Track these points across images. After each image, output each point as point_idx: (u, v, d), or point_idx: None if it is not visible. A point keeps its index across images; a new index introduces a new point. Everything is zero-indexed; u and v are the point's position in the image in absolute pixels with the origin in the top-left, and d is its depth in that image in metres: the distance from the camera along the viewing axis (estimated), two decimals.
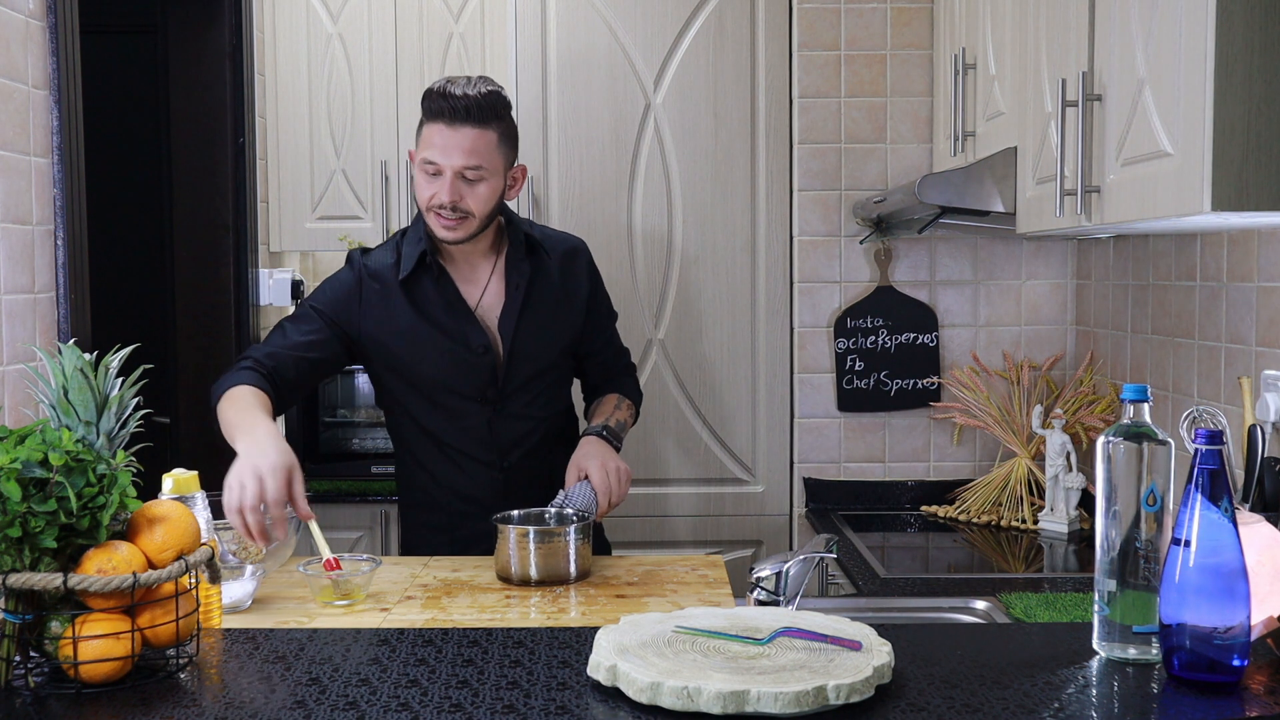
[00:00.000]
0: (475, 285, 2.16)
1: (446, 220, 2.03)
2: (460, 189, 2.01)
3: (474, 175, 2.01)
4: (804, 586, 1.61)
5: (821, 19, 3.05)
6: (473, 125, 1.99)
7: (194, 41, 3.31)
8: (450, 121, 1.99)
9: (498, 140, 2.04)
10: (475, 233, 2.07)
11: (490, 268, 2.16)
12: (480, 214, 2.05)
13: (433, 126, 2.01)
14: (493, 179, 2.04)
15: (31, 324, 2.22)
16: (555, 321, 2.19)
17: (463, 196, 2.02)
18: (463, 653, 1.40)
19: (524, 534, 1.88)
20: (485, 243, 2.15)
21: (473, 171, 2.01)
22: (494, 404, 2.15)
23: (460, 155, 1.99)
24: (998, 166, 2.30)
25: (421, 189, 2.05)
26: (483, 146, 2.01)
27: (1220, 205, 1.47)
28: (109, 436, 1.39)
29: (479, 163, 2.00)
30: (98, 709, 1.23)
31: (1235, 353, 2.16)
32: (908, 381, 3.07)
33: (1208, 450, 1.27)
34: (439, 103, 2.00)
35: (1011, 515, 2.76)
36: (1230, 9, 1.45)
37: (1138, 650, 1.35)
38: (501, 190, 2.08)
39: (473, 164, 2.00)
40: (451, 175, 2.00)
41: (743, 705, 1.17)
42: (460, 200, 2.02)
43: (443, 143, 2.00)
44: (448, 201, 2.01)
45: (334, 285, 2.19)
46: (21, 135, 2.18)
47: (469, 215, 2.04)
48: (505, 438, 2.17)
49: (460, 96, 1.99)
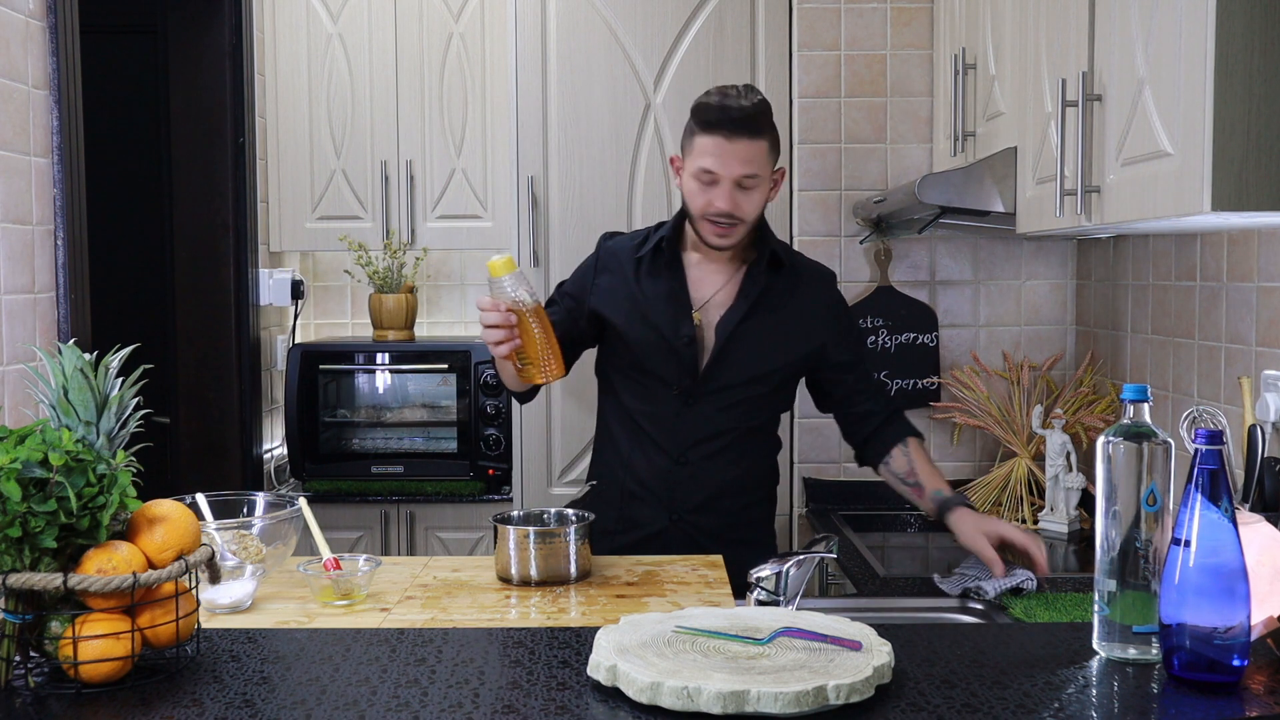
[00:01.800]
0: (708, 285, 2.21)
1: (722, 228, 2.10)
2: (737, 198, 2.08)
3: (750, 184, 2.08)
4: (804, 586, 1.61)
5: (821, 19, 3.05)
6: (748, 137, 2.06)
7: (194, 41, 3.31)
8: (729, 134, 2.05)
9: (768, 149, 2.10)
10: (743, 238, 2.15)
11: (729, 272, 2.21)
12: (751, 219, 2.12)
13: (708, 138, 2.07)
14: (763, 185, 2.11)
15: (31, 324, 2.22)
16: (779, 336, 2.19)
17: (739, 204, 2.08)
18: (463, 653, 1.40)
19: (524, 534, 1.88)
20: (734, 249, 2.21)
21: (749, 180, 2.08)
22: (688, 395, 2.19)
23: (739, 165, 2.06)
24: (998, 166, 2.30)
25: (695, 198, 2.11)
26: (757, 155, 2.07)
27: (1220, 205, 1.47)
28: (109, 436, 1.39)
29: (755, 171, 2.07)
30: (98, 709, 1.23)
31: (1235, 353, 2.16)
32: (908, 381, 3.06)
33: (1208, 450, 1.27)
34: (717, 115, 2.06)
35: (1011, 515, 2.76)
36: (1230, 9, 1.45)
37: (1138, 650, 1.35)
38: (767, 194, 2.15)
39: (749, 173, 2.07)
40: (730, 185, 2.07)
41: (743, 705, 1.17)
42: (737, 208, 2.08)
43: (720, 153, 2.06)
44: (726, 209, 2.07)
45: (579, 267, 2.30)
46: (21, 135, 2.18)
47: (741, 222, 2.11)
48: (689, 432, 2.19)
49: (737, 109, 2.05)
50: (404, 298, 3.53)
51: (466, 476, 3.38)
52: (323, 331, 3.90)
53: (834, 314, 2.27)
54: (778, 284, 2.21)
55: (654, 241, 2.22)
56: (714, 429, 2.19)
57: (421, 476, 3.37)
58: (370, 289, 3.60)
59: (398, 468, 3.40)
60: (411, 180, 3.51)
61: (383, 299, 3.51)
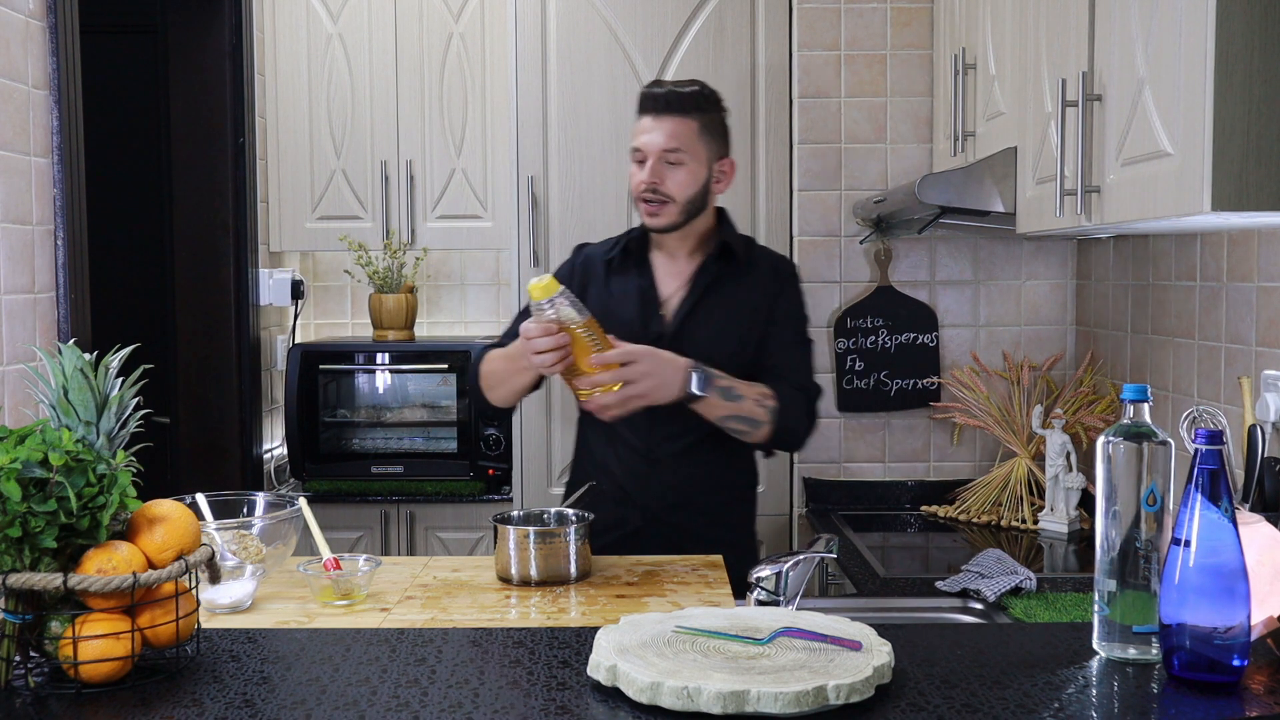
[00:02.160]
0: (673, 281, 2.23)
1: (650, 205, 2.15)
2: (660, 172, 2.13)
3: (674, 159, 2.13)
4: (804, 586, 1.61)
5: (821, 19, 3.05)
6: (673, 114, 2.13)
7: (194, 41, 3.31)
8: (656, 113, 2.13)
9: (699, 129, 2.15)
10: (677, 220, 2.16)
11: (692, 268, 2.23)
12: (680, 199, 2.14)
13: (641, 119, 2.16)
14: (692, 165, 2.14)
15: (31, 324, 2.22)
16: (732, 326, 2.19)
17: (662, 179, 2.13)
18: (463, 653, 1.40)
19: (524, 534, 1.88)
20: (691, 243, 2.22)
21: (672, 155, 2.12)
22: None
23: (662, 138, 2.12)
24: (998, 166, 2.30)
25: (632, 178, 2.18)
26: (683, 132, 2.13)
27: (1220, 205, 1.47)
28: (109, 436, 1.39)
29: (677, 145, 2.12)
30: (98, 709, 1.23)
31: (1235, 353, 2.16)
32: (908, 381, 3.07)
33: (1208, 450, 1.27)
34: (647, 98, 2.16)
35: (1011, 515, 2.76)
36: (1230, 9, 1.46)
37: (1138, 650, 1.35)
38: (704, 180, 2.17)
39: (672, 146, 2.12)
40: (654, 159, 2.13)
41: (743, 705, 1.17)
42: (660, 183, 2.12)
43: (647, 130, 2.14)
44: (647, 181, 2.13)
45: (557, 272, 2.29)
46: (21, 135, 2.18)
47: (669, 200, 2.14)
48: (660, 429, 2.19)
49: (664, 92, 2.14)
50: (404, 298, 3.53)
51: (466, 476, 3.38)
52: (323, 331, 3.90)
53: (780, 294, 2.24)
54: (729, 274, 2.22)
55: (623, 243, 2.26)
56: (684, 424, 2.17)
57: (421, 476, 3.37)
58: (370, 289, 3.60)
59: (398, 468, 3.40)
60: (411, 180, 3.51)
61: (383, 299, 3.51)
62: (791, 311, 2.27)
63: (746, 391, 2.08)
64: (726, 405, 2.06)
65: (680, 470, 2.20)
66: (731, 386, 2.07)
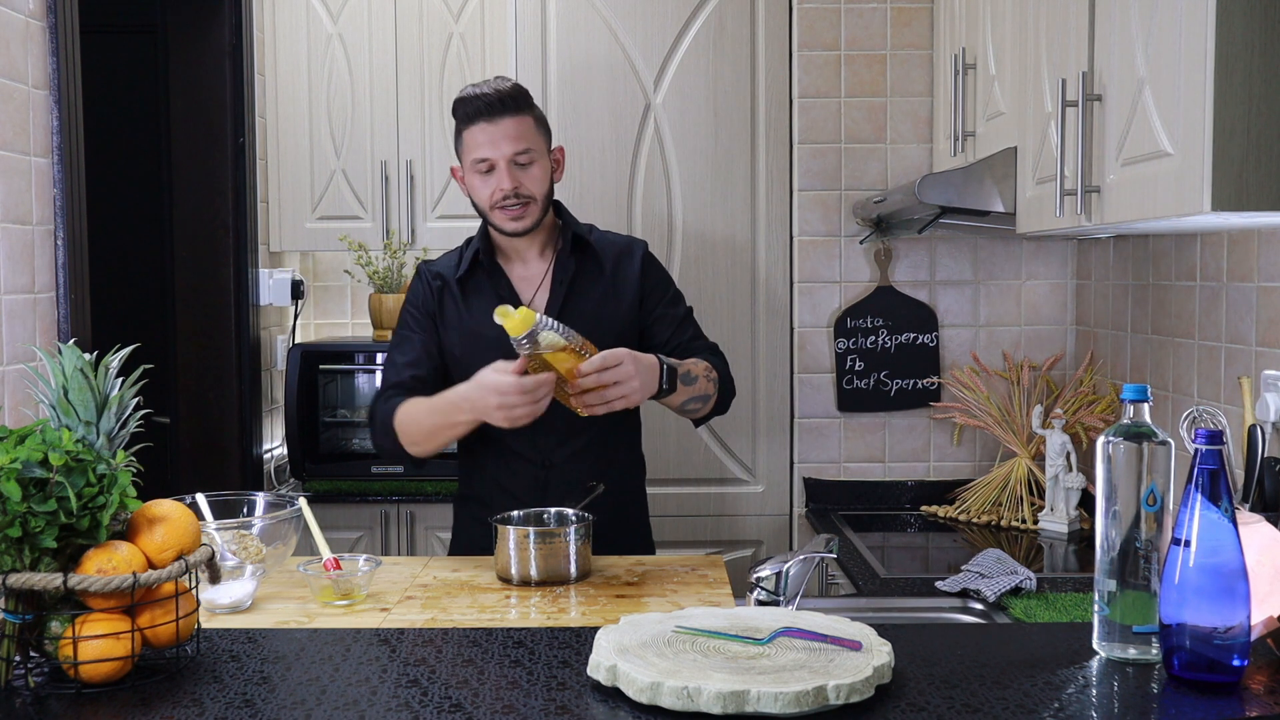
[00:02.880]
0: (530, 284, 2.21)
1: (513, 210, 2.11)
2: (518, 175, 2.10)
3: (525, 159, 2.11)
4: (804, 586, 1.61)
5: (821, 19, 3.05)
6: (510, 114, 2.09)
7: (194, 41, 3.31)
8: (490, 117, 2.09)
9: (535, 124, 2.14)
10: (540, 218, 2.14)
11: (545, 267, 2.21)
12: (539, 195, 2.13)
13: (474, 128, 2.11)
14: (541, 160, 2.14)
15: (31, 324, 2.22)
16: (601, 318, 2.17)
17: (521, 182, 2.10)
18: (463, 653, 1.40)
19: (524, 534, 1.88)
20: (540, 240, 2.20)
21: (523, 155, 2.10)
22: None
23: (508, 143, 2.09)
24: (998, 166, 2.30)
25: (479, 190, 2.13)
26: (525, 131, 2.11)
27: (1220, 205, 1.47)
28: (109, 436, 1.39)
29: (527, 145, 2.10)
30: (98, 709, 1.23)
31: (1235, 353, 2.16)
32: (908, 381, 3.07)
33: (1208, 450, 1.27)
34: (474, 104, 2.10)
35: (1011, 515, 2.76)
36: (1230, 9, 1.46)
37: (1138, 650, 1.35)
38: (550, 172, 2.16)
39: (521, 148, 2.10)
40: (505, 164, 2.09)
41: (743, 705, 1.17)
42: (520, 186, 2.10)
43: (489, 138, 2.09)
44: (509, 188, 2.09)
45: (412, 297, 2.25)
46: (21, 135, 2.18)
47: (531, 199, 2.12)
48: (549, 435, 2.16)
49: (491, 93, 2.10)
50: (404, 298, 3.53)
51: None
52: (323, 331, 3.90)
53: (643, 274, 2.23)
54: (587, 264, 2.20)
55: (469, 257, 2.20)
56: (574, 427, 2.15)
57: (421, 476, 3.37)
58: (370, 289, 3.60)
59: (397, 468, 3.39)
60: (411, 180, 3.51)
61: (383, 299, 3.51)
62: (663, 284, 2.26)
63: (696, 370, 2.09)
64: (686, 390, 2.06)
65: (577, 472, 2.17)
66: (687, 370, 2.07)
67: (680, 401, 2.08)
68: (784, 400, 3.17)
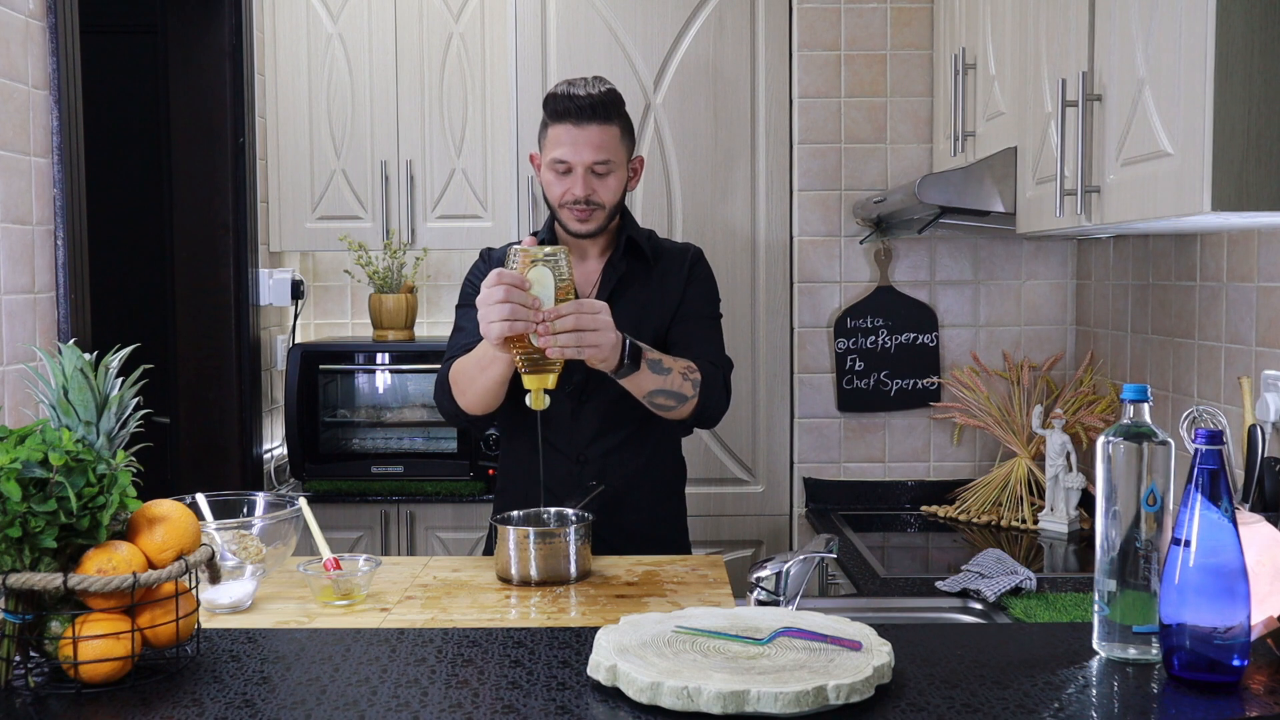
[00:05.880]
0: (586, 281, 2.22)
1: (580, 213, 2.13)
2: (592, 183, 2.11)
3: (603, 169, 2.11)
4: (804, 586, 1.61)
5: (821, 19, 3.05)
6: (598, 123, 2.09)
7: (194, 41, 3.31)
8: (577, 121, 2.09)
9: (620, 134, 2.14)
10: (605, 224, 2.16)
11: (599, 267, 2.22)
12: (610, 204, 2.14)
13: (560, 127, 2.11)
14: (619, 171, 2.14)
15: (31, 324, 2.22)
16: (644, 322, 2.18)
17: (595, 190, 2.11)
18: (463, 653, 1.40)
19: (524, 534, 1.88)
20: (601, 242, 2.22)
21: (602, 165, 2.11)
22: (579, 393, 2.17)
23: (590, 151, 2.09)
24: (998, 166, 2.30)
25: (553, 188, 2.14)
26: (609, 141, 2.11)
27: (1220, 205, 1.47)
28: (109, 436, 1.39)
29: (607, 156, 2.10)
30: (98, 709, 1.23)
31: (1235, 353, 2.16)
32: (908, 381, 3.07)
33: (1208, 450, 1.27)
34: (565, 104, 2.10)
35: (1011, 515, 2.76)
36: (1230, 9, 1.46)
37: (1138, 650, 1.35)
38: (626, 181, 2.17)
39: (601, 158, 2.10)
40: (583, 171, 2.10)
41: (743, 705, 1.17)
42: (593, 194, 2.11)
43: (571, 141, 2.09)
44: (582, 195, 2.10)
45: (473, 275, 2.25)
46: (21, 135, 2.18)
47: (600, 207, 2.13)
48: (585, 430, 2.18)
49: (584, 96, 2.09)
50: (404, 298, 3.52)
51: (466, 476, 3.37)
52: (323, 331, 3.90)
53: (690, 277, 2.24)
54: (638, 268, 2.21)
55: None
56: (609, 423, 2.17)
57: (421, 476, 3.37)
58: (370, 289, 3.60)
59: (398, 468, 3.39)
60: (411, 180, 3.51)
61: (383, 299, 3.51)
62: (701, 294, 2.26)
63: (673, 365, 2.07)
64: (655, 379, 2.03)
65: (611, 469, 2.18)
66: (659, 359, 2.05)
67: (649, 389, 2.03)
68: (784, 400, 3.17)
